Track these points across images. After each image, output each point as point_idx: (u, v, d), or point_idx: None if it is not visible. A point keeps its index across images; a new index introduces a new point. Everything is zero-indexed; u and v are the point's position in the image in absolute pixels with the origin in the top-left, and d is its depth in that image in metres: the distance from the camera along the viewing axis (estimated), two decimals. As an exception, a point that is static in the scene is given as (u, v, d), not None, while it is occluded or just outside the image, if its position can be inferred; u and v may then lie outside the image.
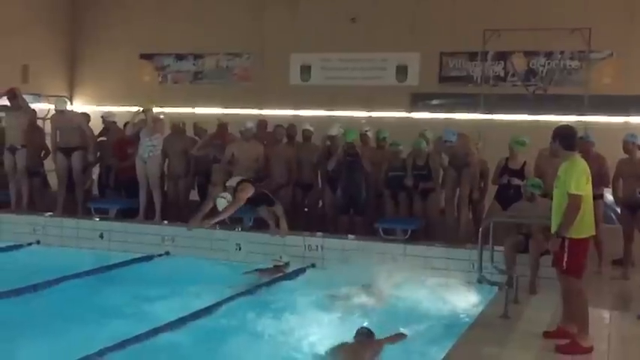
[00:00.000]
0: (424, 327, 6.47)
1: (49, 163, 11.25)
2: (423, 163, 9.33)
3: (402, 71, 13.94)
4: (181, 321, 6.39)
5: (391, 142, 9.80)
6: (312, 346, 5.95)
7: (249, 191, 8.29)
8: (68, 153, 10.43)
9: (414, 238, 8.87)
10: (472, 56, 13.37)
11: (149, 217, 10.06)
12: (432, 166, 9.31)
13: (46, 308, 6.82)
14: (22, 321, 6.41)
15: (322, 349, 5.81)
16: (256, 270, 8.50)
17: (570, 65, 12.97)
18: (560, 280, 5.97)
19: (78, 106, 15.36)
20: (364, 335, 5.80)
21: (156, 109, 10.23)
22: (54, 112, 10.82)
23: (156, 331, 6.07)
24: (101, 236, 9.77)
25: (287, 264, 8.63)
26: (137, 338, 5.84)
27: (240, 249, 9.15)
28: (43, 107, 13.87)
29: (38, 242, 9.90)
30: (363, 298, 7.41)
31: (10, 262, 9.03)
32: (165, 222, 9.96)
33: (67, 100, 10.75)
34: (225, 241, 9.27)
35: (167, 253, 9.34)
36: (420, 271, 8.35)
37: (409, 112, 13.65)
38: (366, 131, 10.12)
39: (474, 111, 12.65)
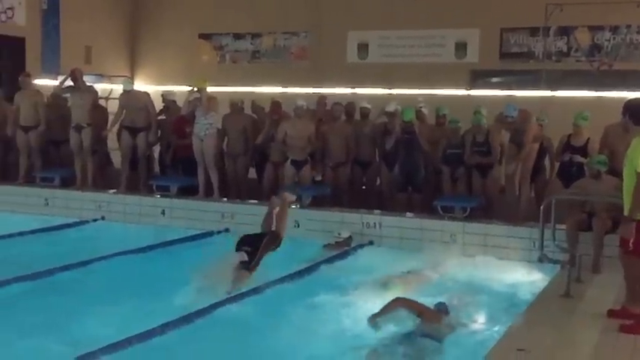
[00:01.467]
0: (483, 306, 6.39)
1: (111, 142, 11.52)
2: (483, 139, 9.18)
3: (461, 48, 13.75)
4: (242, 295, 6.47)
5: (450, 118, 9.69)
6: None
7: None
8: (133, 132, 10.64)
9: (474, 216, 8.78)
10: (534, 31, 13.09)
11: (209, 194, 10.21)
12: (491, 143, 9.17)
13: (109, 281, 7.01)
14: (86, 293, 6.62)
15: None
16: (323, 245, 8.57)
17: (637, 40, 12.57)
18: (621, 260, 5.82)
19: (139, 85, 15.62)
20: (442, 309, 5.88)
21: (210, 88, 10.32)
22: (119, 92, 11.00)
23: (215, 306, 6.16)
24: (163, 213, 9.98)
25: (349, 238, 8.66)
26: (198, 313, 5.93)
27: (298, 226, 9.19)
28: (105, 87, 14.21)
29: (103, 218, 10.17)
30: (420, 277, 7.39)
31: (77, 237, 9.33)
32: (225, 199, 10.10)
33: (131, 80, 10.95)
34: (284, 218, 9.34)
35: (227, 230, 9.48)
36: (479, 250, 8.30)
37: (468, 89, 13.45)
38: (421, 107, 10.01)
39: (536, 88, 12.39)
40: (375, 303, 6.39)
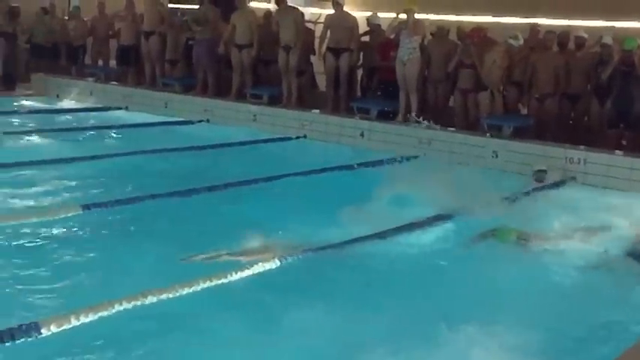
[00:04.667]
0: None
1: (317, 65, 11.83)
2: None
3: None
4: (440, 219, 6.45)
5: None
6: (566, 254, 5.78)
7: None
8: (336, 53, 10.82)
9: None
10: None
11: (407, 120, 10.20)
12: None
13: (307, 193, 7.32)
14: (286, 202, 6.93)
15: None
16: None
17: None
18: None
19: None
20: None
21: (417, 15, 10.15)
22: (325, 15, 11.17)
23: (411, 226, 6.19)
24: (362, 134, 10.16)
25: (541, 172, 8.29)
26: (384, 233, 5.95)
27: (497, 156, 8.97)
28: (314, 11, 14.53)
29: (305, 136, 10.58)
30: (621, 220, 6.87)
31: (281, 151, 9.85)
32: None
33: (343, -1, 11.07)
34: (482, 147, 9.14)
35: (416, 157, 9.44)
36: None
37: None
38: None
39: None
40: (575, 241, 6.13)
